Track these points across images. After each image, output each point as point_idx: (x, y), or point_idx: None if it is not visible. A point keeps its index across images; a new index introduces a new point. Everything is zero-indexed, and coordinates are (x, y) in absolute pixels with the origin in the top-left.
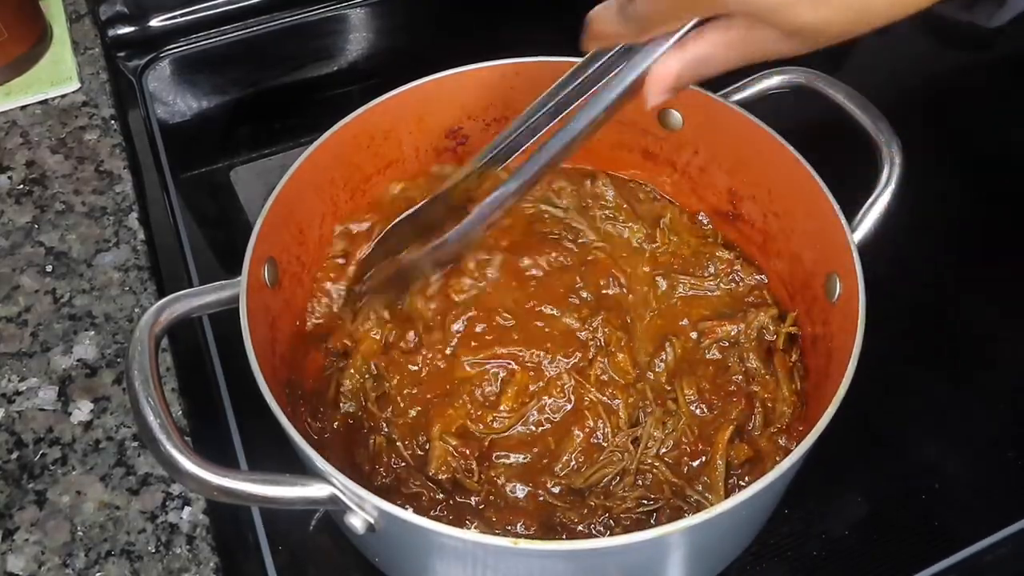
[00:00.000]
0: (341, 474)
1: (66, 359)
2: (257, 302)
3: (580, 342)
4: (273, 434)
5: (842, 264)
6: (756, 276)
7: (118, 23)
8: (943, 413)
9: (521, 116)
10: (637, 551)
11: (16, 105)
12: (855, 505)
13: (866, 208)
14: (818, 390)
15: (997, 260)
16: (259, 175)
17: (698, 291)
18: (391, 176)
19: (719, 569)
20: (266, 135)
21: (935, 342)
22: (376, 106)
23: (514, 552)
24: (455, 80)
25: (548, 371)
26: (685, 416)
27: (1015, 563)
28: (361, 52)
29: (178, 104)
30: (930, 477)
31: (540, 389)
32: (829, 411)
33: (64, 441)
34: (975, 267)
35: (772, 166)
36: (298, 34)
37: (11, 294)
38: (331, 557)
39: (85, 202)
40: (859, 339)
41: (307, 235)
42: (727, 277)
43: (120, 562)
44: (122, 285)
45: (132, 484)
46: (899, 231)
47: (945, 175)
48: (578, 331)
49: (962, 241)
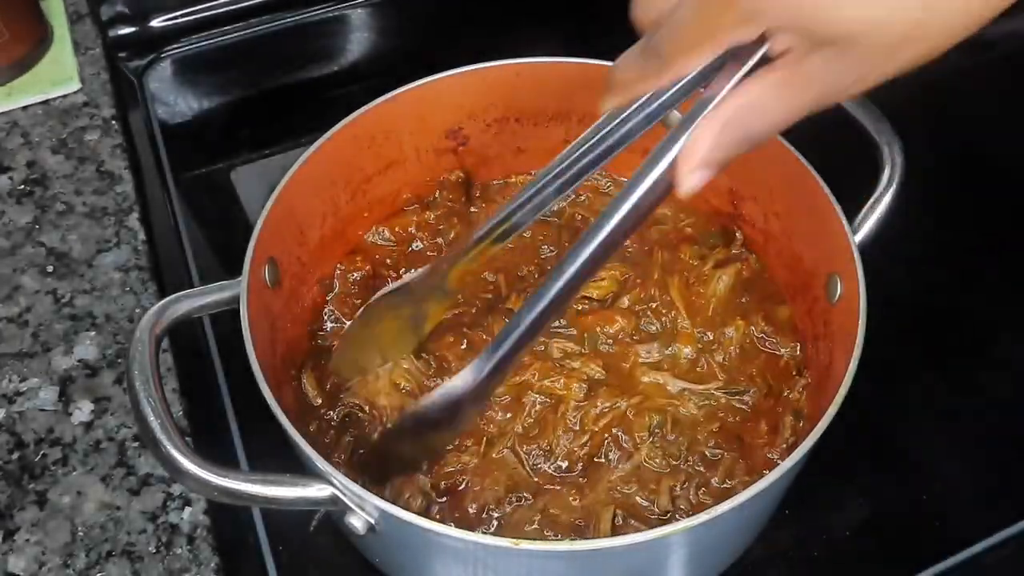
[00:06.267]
0: (341, 474)
1: (67, 359)
2: (258, 302)
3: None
4: (273, 434)
5: (843, 265)
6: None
7: (119, 23)
8: (944, 414)
9: (524, 188)
10: (637, 552)
11: (17, 105)
12: (856, 506)
13: (867, 209)
14: (819, 391)
15: (998, 260)
16: (260, 175)
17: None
18: (392, 176)
19: (720, 570)
20: (267, 135)
21: (936, 342)
22: (376, 106)
23: (514, 552)
24: (455, 80)
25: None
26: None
27: (1016, 564)
28: (361, 52)
29: (179, 104)
30: (931, 478)
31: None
32: (830, 411)
33: (65, 441)
34: (976, 267)
35: (773, 166)
36: (298, 34)
37: (12, 294)
38: (331, 558)
39: (86, 202)
40: (860, 340)
41: (307, 235)
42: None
43: (121, 562)
44: (123, 285)
45: (133, 484)
46: (900, 232)
47: (946, 176)
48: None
49: (963, 241)
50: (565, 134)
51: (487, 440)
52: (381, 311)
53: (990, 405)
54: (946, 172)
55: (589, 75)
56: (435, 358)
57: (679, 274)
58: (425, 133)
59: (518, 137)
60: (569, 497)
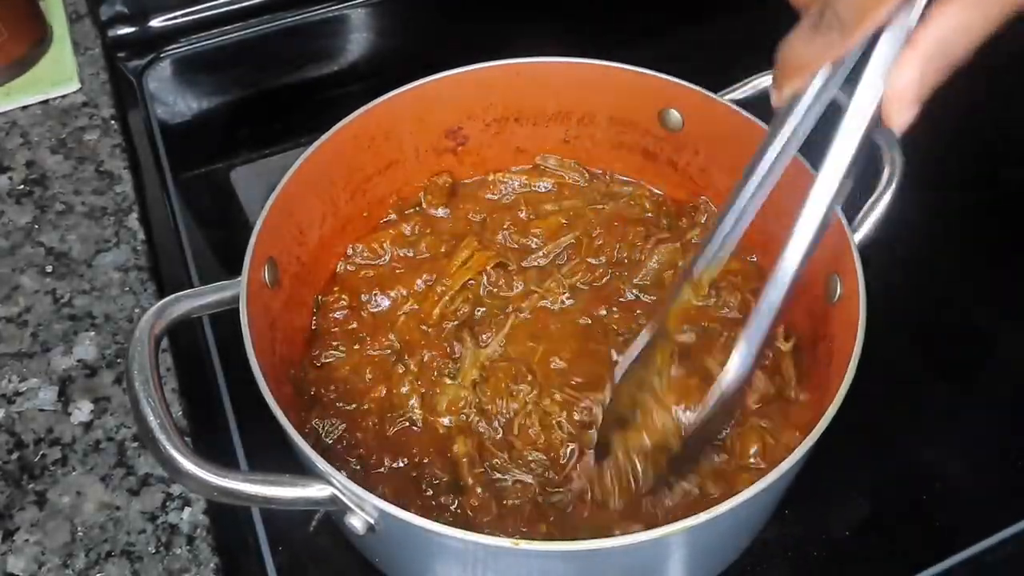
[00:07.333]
0: (341, 474)
1: (66, 359)
2: (257, 302)
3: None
4: (273, 434)
5: (843, 265)
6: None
7: (118, 23)
8: (944, 413)
9: (725, 212)
10: (637, 551)
11: (16, 105)
12: (856, 506)
13: (867, 209)
14: (819, 391)
15: (998, 261)
16: (259, 175)
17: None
18: (392, 176)
19: (720, 570)
20: (266, 135)
21: (936, 343)
22: (376, 106)
23: (514, 552)
24: (455, 80)
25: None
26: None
27: (1016, 564)
28: (361, 52)
29: (178, 104)
30: (931, 478)
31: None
32: (830, 412)
33: (64, 441)
34: (976, 268)
35: None
36: (298, 34)
37: (11, 294)
38: (331, 558)
39: (85, 202)
40: (860, 340)
41: (307, 235)
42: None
43: (120, 563)
44: (122, 285)
45: (132, 485)
46: (900, 232)
47: (946, 176)
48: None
49: (963, 242)
50: (565, 134)
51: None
52: (623, 386)
53: (990, 405)
54: (946, 172)
55: (589, 75)
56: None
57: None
58: (425, 133)
59: (518, 137)
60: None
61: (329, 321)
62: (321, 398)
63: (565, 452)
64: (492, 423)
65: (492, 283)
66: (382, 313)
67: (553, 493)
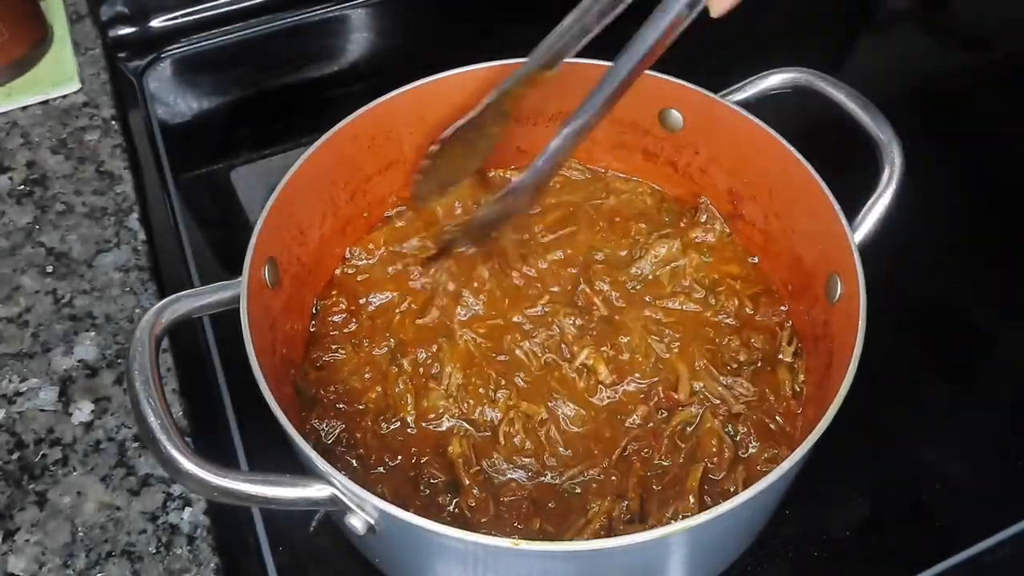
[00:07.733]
0: (341, 474)
1: (67, 360)
2: (258, 303)
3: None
4: (273, 435)
5: (843, 265)
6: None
7: (119, 24)
8: (944, 414)
9: (568, 18)
10: (637, 552)
11: (17, 106)
12: (856, 506)
13: (867, 208)
14: (819, 391)
15: (998, 260)
16: (259, 175)
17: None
18: (391, 176)
19: (720, 570)
20: (266, 135)
21: (936, 342)
22: (376, 106)
23: (514, 552)
24: (455, 80)
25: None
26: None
27: (1016, 564)
28: (361, 52)
29: (179, 104)
30: (931, 478)
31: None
32: (830, 412)
33: (65, 442)
34: (976, 267)
35: (773, 166)
36: (298, 34)
37: (12, 295)
38: (331, 558)
39: (86, 203)
40: (860, 340)
41: (307, 235)
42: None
43: (121, 563)
44: (123, 286)
45: (133, 485)
46: (900, 232)
47: (946, 176)
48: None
49: (963, 241)
50: None
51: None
52: (453, 141)
53: (991, 405)
54: (946, 172)
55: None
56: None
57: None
58: (424, 133)
59: (518, 137)
60: None
61: (328, 324)
62: (321, 399)
63: (551, 452)
64: (480, 431)
65: (489, 278)
66: (381, 314)
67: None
